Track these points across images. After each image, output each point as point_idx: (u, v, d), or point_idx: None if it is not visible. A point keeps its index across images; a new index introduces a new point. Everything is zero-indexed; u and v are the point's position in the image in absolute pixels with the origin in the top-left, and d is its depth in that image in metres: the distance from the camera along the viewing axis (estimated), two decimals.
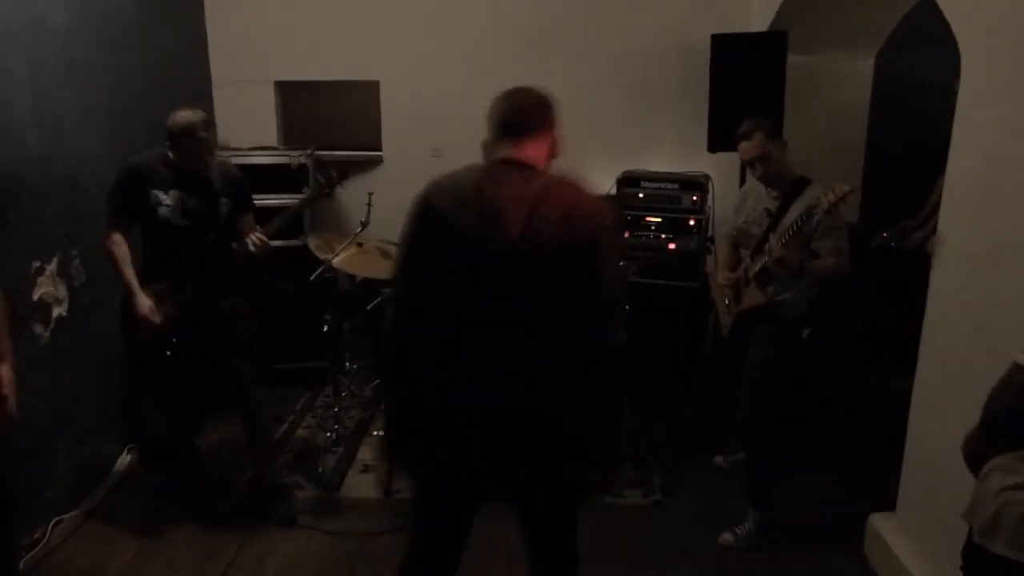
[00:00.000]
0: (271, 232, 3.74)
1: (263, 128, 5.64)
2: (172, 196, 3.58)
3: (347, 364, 4.84)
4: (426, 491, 2.43)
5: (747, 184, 3.93)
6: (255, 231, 3.71)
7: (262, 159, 5.19)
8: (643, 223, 5.11)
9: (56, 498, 3.76)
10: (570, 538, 2.47)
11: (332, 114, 5.95)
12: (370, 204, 4.23)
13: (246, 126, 5.56)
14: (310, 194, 3.90)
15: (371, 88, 5.64)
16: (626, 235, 5.12)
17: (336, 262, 4.19)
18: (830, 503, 4.04)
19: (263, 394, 3.87)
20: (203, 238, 3.63)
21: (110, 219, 3.60)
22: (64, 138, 3.79)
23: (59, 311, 3.73)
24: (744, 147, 3.51)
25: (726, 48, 4.78)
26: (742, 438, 3.97)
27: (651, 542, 3.70)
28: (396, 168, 5.57)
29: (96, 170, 3.97)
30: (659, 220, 5.08)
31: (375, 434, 4.61)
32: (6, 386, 2.81)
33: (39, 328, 3.60)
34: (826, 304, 3.61)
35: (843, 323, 4.91)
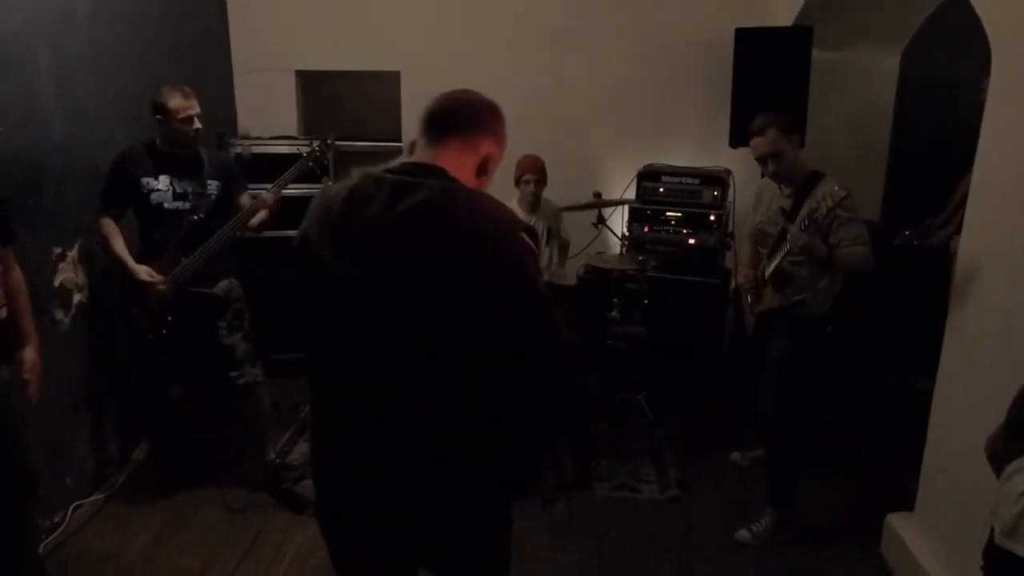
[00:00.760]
0: (283, 185, 3.82)
1: (283, 117, 5.65)
2: (163, 181, 3.68)
3: None
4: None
5: (762, 181, 3.88)
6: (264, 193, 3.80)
7: (282, 148, 5.19)
8: (663, 217, 5.10)
9: (76, 483, 3.79)
10: None
11: (352, 104, 5.95)
12: None
13: (266, 115, 5.60)
14: (307, 156, 3.93)
15: (392, 78, 5.63)
16: (646, 229, 5.11)
17: None
18: (847, 502, 4.01)
19: (258, 374, 3.91)
20: (193, 217, 3.70)
21: (102, 207, 3.69)
22: (87, 125, 3.81)
23: (79, 297, 3.76)
24: (756, 143, 3.42)
25: (750, 42, 4.75)
26: (761, 435, 3.96)
27: (667, 537, 3.69)
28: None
29: None
30: (679, 215, 5.07)
31: None
32: (27, 370, 2.84)
33: (59, 314, 3.63)
34: (848, 302, 3.58)
35: (864, 322, 4.87)
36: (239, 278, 3.93)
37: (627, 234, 5.10)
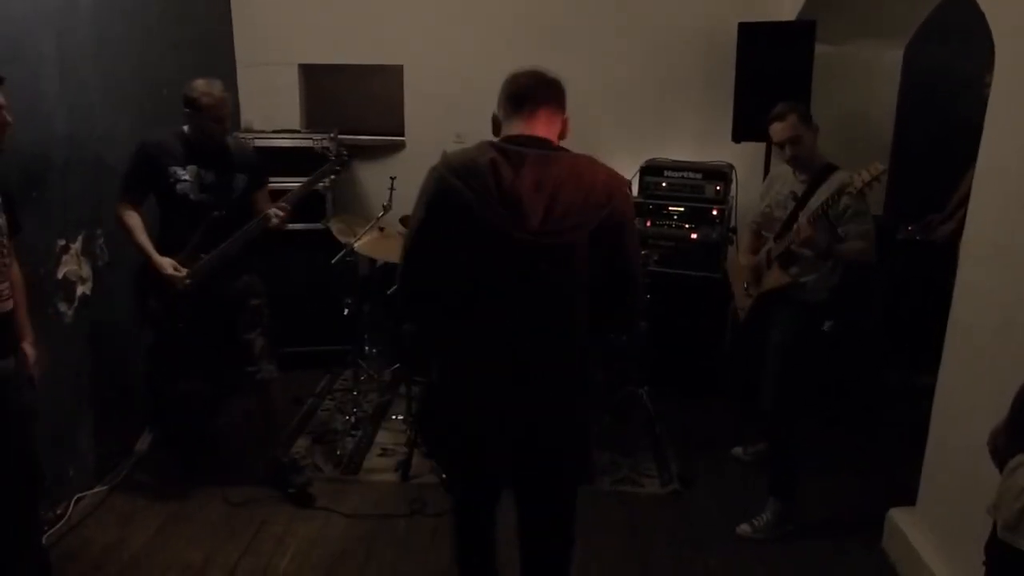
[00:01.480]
0: (292, 202, 3.74)
1: (286, 111, 5.65)
2: (190, 171, 3.62)
3: (366, 348, 4.85)
4: (451, 472, 2.63)
5: (773, 171, 3.92)
6: (273, 206, 3.74)
7: (285, 142, 5.19)
8: (665, 212, 5.09)
9: (78, 475, 3.80)
10: (570, 519, 2.45)
11: (355, 98, 5.95)
12: (392, 189, 4.23)
13: (269, 109, 5.59)
14: (326, 167, 3.89)
15: (395, 72, 5.64)
16: (648, 224, 5.10)
17: (358, 246, 4.20)
18: (849, 497, 4.02)
19: (273, 370, 3.89)
20: (218, 213, 3.66)
21: (124, 194, 3.65)
22: (91, 117, 3.81)
23: (83, 289, 3.76)
24: (777, 128, 3.47)
25: (753, 37, 4.74)
26: (762, 428, 3.96)
27: (668, 532, 3.70)
28: (418, 153, 5.56)
29: (123, 150, 3.97)
30: (681, 209, 5.06)
31: (394, 418, 4.64)
32: (31, 365, 2.84)
33: (63, 306, 3.63)
34: (849, 297, 3.59)
35: (866, 317, 4.87)
36: (258, 269, 3.89)
37: None
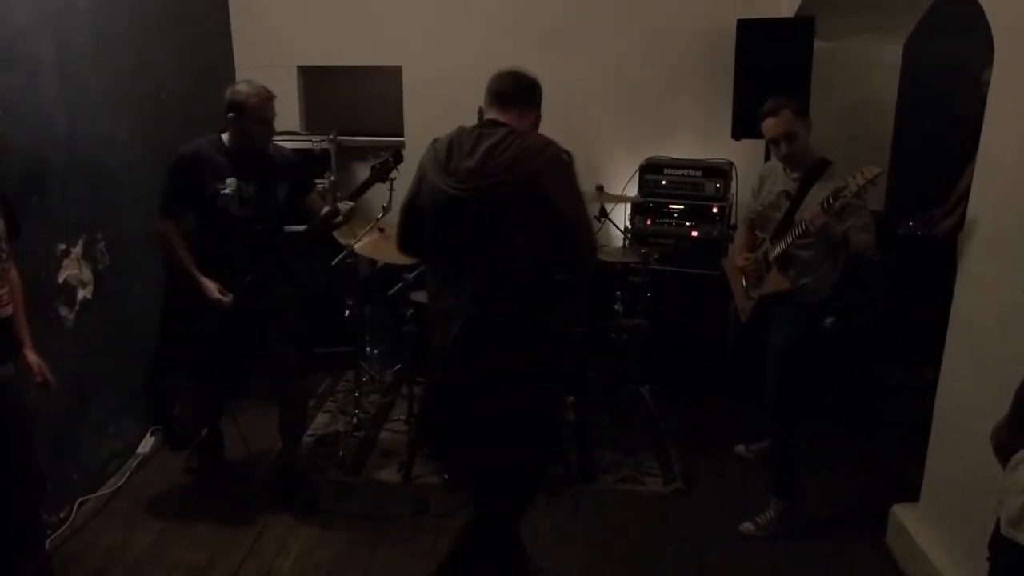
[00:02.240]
0: (355, 199, 3.75)
1: (286, 113, 5.60)
2: (230, 185, 3.48)
3: (368, 349, 4.86)
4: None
5: (765, 166, 3.86)
6: (337, 202, 3.69)
7: (284, 144, 5.17)
8: (666, 210, 5.09)
9: (81, 478, 3.80)
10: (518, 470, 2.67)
11: (354, 99, 5.95)
12: (392, 190, 4.22)
13: None
14: (386, 163, 3.80)
15: (394, 73, 5.63)
16: (648, 222, 5.10)
17: (358, 247, 4.20)
18: (852, 494, 4.02)
19: (305, 384, 3.85)
20: (259, 225, 3.57)
21: (164, 208, 3.51)
22: (91, 121, 3.81)
23: (84, 294, 3.76)
24: (770, 123, 3.41)
25: (752, 33, 4.73)
26: (765, 425, 3.95)
27: (671, 529, 3.69)
28: (418, 154, 5.36)
29: (122, 153, 4.00)
30: (682, 207, 5.06)
31: (396, 419, 4.64)
32: (37, 373, 2.85)
33: (64, 310, 3.63)
34: (850, 293, 3.58)
35: (867, 312, 4.87)
36: (295, 281, 3.82)
37: (629, 227, 5.10)
